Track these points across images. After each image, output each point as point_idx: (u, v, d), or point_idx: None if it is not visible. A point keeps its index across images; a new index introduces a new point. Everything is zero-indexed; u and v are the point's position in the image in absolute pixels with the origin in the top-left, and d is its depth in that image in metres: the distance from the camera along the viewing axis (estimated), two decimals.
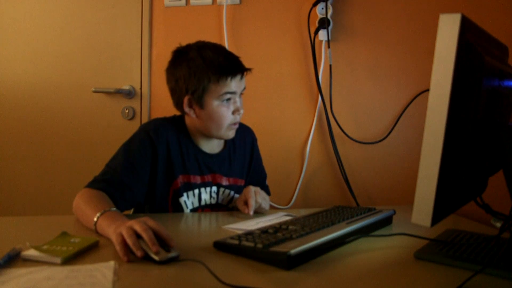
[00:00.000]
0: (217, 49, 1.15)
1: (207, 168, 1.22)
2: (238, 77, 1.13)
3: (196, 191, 1.20)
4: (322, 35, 1.62)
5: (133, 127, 1.56)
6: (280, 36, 1.68)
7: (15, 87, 1.91)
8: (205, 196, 1.22)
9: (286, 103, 1.69)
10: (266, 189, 1.41)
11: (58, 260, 0.72)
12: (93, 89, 1.81)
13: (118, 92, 1.82)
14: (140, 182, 1.12)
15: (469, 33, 0.62)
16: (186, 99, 1.14)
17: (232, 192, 1.28)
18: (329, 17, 1.59)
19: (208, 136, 1.20)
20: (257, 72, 1.76)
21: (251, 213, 1.14)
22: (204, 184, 1.22)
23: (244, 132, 1.35)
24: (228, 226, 1.03)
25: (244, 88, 1.18)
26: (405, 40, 1.59)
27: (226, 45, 1.68)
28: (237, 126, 1.19)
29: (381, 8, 1.60)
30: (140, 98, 1.82)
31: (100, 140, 1.86)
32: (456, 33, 0.58)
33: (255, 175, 1.38)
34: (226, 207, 1.28)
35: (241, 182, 1.31)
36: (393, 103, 1.61)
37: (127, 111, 1.83)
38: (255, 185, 1.27)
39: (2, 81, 1.92)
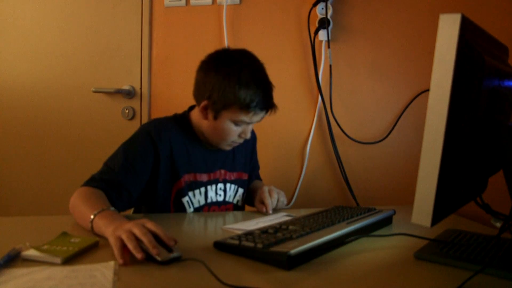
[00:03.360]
0: (256, 78, 1.12)
1: (213, 164, 1.23)
2: (263, 113, 1.14)
3: (203, 189, 1.20)
4: (322, 35, 1.62)
5: (133, 127, 1.56)
6: (280, 36, 1.68)
7: (15, 87, 1.91)
8: (211, 194, 1.23)
9: (286, 103, 1.68)
10: (258, 179, 1.48)
11: (58, 260, 0.72)
12: (93, 89, 1.81)
13: (118, 92, 1.82)
14: (139, 184, 1.11)
15: (469, 33, 0.62)
16: (205, 103, 1.13)
17: (237, 187, 1.29)
18: (329, 17, 1.59)
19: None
20: None
21: (270, 211, 1.18)
22: (210, 182, 1.22)
23: None
24: (228, 226, 1.03)
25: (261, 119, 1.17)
26: (405, 40, 1.59)
27: (226, 45, 1.67)
28: (236, 144, 1.21)
29: (381, 8, 1.60)
30: (140, 98, 1.82)
31: (100, 140, 1.86)
32: (456, 33, 0.58)
33: (253, 168, 1.43)
34: (233, 204, 1.29)
35: (245, 176, 1.33)
36: (393, 103, 1.61)
37: (127, 111, 1.83)
38: (251, 176, 1.36)
39: (2, 81, 1.92)
